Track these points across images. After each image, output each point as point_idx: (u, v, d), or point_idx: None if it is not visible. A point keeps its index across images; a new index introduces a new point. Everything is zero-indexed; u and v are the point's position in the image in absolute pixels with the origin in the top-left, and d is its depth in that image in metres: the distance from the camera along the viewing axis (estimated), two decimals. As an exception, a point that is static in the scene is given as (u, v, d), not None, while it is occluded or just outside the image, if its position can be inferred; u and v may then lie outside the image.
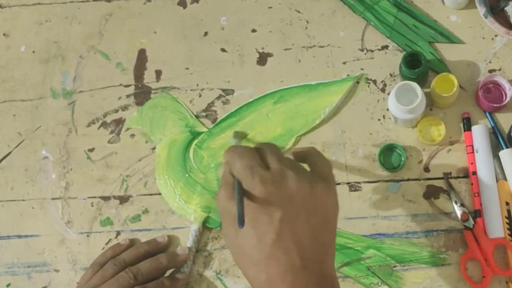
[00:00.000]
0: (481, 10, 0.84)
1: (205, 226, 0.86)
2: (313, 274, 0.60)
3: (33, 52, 0.95)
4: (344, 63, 0.89)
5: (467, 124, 0.84)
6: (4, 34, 0.96)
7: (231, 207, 0.61)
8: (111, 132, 0.91)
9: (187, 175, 0.87)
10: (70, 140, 0.91)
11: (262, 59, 0.91)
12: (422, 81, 0.84)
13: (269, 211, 0.60)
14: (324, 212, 0.63)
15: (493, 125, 0.84)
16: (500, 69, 0.86)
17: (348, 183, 0.85)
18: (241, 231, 0.61)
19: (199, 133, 0.89)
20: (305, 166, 0.68)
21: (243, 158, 0.63)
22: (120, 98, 0.92)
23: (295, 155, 0.70)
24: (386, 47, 0.88)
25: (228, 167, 0.64)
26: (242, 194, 0.61)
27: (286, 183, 0.61)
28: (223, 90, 0.90)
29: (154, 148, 0.89)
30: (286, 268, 0.60)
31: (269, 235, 0.60)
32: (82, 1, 0.95)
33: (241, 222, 0.59)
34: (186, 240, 0.85)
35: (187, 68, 0.92)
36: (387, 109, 0.85)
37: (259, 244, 0.60)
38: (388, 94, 0.86)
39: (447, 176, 0.83)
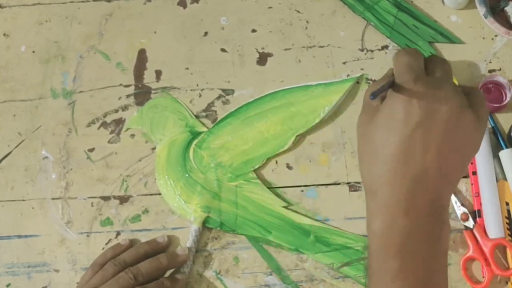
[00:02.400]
0: (481, 10, 0.84)
1: (205, 226, 0.86)
2: (426, 195, 0.55)
3: (33, 52, 0.95)
4: (344, 63, 0.89)
5: (467, 124, 0.84)
6: (4, 34, 0.96)
7: (366, 94, 0.58)
8: (111, 132, 0.91)
9: (187, 175, 0.87)
10: (70, 140, 0.91)
11: (262, 59, 0.91)
12: (422, 81, 0.84)
13: (409, 110, 0.55)
14: (462, 142, 0.57)
15: (493, 125, 0.84)
16: (500, 69, 0.86)
17: (348, 183, 0.85)
18: (374, 119, 0.57)
19: (199, 133, 0.89)
20: None
21: (407, 55, 0.58)
22: (120, 98, 0.92)
23: (461, 87, 0.61)
24: (386, 47, 0.88)
25: (391, 71, 0.59)
26: (391, 84, 0.56)
27: (439, 91, 0.55)
28: (223, 90, 0.90)
29: (154, 148, 0.89)
30: (402, 174, 0.55)
31: (398, 134, 0.55)
32: (82, 1, 0.95)
33: (375, 94, 0.54)
34: (186, 240, 0.85)
35: (187, 68, 0.92)
36: (387, 109, 0.85)
37: (386, 138, 0.55)
38: (388, 94, 0.85)
39: (447, 176, 0.83)
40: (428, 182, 0.55)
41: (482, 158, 0.82)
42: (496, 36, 0.87)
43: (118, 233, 0.87)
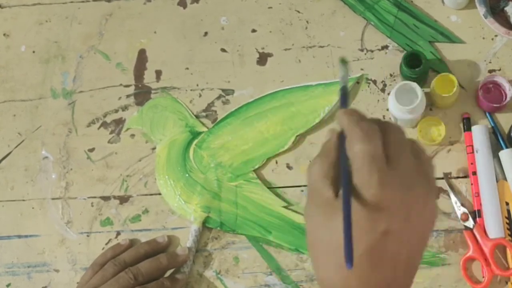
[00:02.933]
0: (481, 10, 0.84)
1: (205, 226, 0.86)
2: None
3: (33, 52, 0.95)
4: (344, 63, 0.89)
5: (467, 124, 0.84)
6: (4, 34, 0.96)
7: (324, 189, 0.49)
8: (111, 132, 0.91)
9: (187, 175, 0.87)
10: (70, 140, 0.91)
11: (262, 59, 0.90)
12: (422, 81, 0.84)
13: (374, 219, 0.47)
14: (427, 231, 0.51)
15: (493, 125, 0.84)
16: (500, 69, 0.86)
17: (348, 183, 0.85)
18: (331, 225, 0.48)
19: (199, 133, 0.89)
20: None
21: (367, 142, 0.48)
22: (120, 98, 0.92)
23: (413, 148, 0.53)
24: (386, 47, 0.88)
25: (336, 138, 0.51)
26: (351, 189, 0.47)
27: (410, 192, 0.48)
28: (223, 90, 0.90)
29: (154, 148, 0.89)
30: (367, 285, 0.49)
31: (362, 244, 0.47)
32: (82, 1, 0.95)
33: (349, 261, 0.46)
34: (186, 240, 0.85)
35: (187, 68, 0.92)
36: (387, 109, 0.85)
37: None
38: (388, 94, 0.85)
39: (447, 176, 0.83)
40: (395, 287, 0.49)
41: (482, 158, 0.82)
42: (496, 36, 0.87)
43: (118, 233, 0.87)
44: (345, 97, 0.53)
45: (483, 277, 0.79)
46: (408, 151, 0.50)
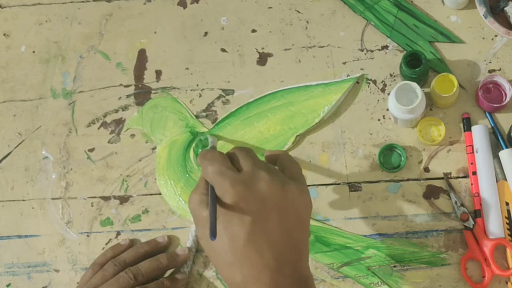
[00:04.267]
0: (481, 10, 0.84)
1: (205, 226, 0.86)
2: (287, 275, 0.61)
3: (33, 52, 0.95)
4: (344, 63, 0.89)
5: (467, 124, 0.84)
6: (4, 34, 0.96)
7: (202, 211, 0.63)
8: (111, 132, 0.91)
9: (187, 175, 0.88)
10: (70, 140, 0.91)
11: (262, 59, 0.91)
12: (422, 81, 0.84)
13: (240, 213, 0.61)
14: (297, 212, 0.64)
15: (493, 125, 0.84)
16: (500, 69, 0.86)
17: (348, 183, 0.85)
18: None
19: (199, 133, 0.89)
20: None
21: (213, 164, 0.64)
22: (120, 98, 0.92)
23: (267, 158, 0.71)
24: (386, 47, 0.88)
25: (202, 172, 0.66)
26: (215, 202, 0.62)
27: (258, 184, 0.62)
28: (223, 90, 0.90)
29: (154, 148, 0.89)
30: (260, 269, 0.60)
31: (241, 237, 0.60)
32: (82, 1, 0.95)
33: (213, 234, 0.59)
34: (186, 240, 0.85)
35: (187, 68, 0.92)
36: (387, 109, 0.85)
37: (232, 246, 0.61)
38: (388, 94, 0.86)
39: (447, 176, 0.83)
40: (285, 263, 0.61)
41: (482, 158, 0.82)
42: (496, 36, 0.87)
43: (118, 233, 0.87)
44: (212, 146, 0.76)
45: (483, 277, 0.79)
46: (250, 159, 0.65)
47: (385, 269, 0.82)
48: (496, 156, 0.82)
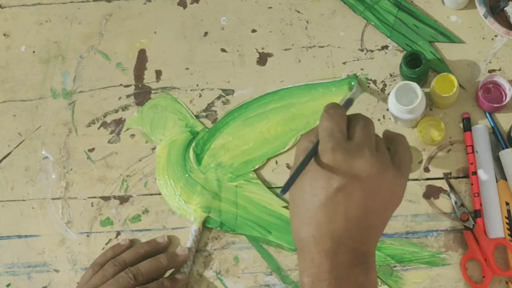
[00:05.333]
0: (481, 10, 0.84)
1: (205, 226, 0.86)
2: (350, 249, 0.60)
3: (33, 52, 0.95)
4: (344, 63, 0.89)
5: (467, 124, 0.84)
6: (4, 34, 0.96)
7: (301, 158, 0.62)
8: (111, 132, 0.91)
9: (187, 175, 0.88)
10: (70, 140, 0.91)
11: (262, 59, 0.91)
12: (422, 81, 0.84)
13: (329, 177, 0.60)
14: (384, 199, 0.62)
15: (493, 125, 0.84)
16: (500, 69, 0.86)
17: (348, 183, 0.85)
18: (299, 181, 0.61)
19: (199, 133, 0.89)
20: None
21: (330, 120, 0.62)
22: (120, 98, 0.92)
23: (385, 135, 0.68)
24: (386, 47, 0.88)
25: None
26: (309, 158, 0.61)
27: (357, 160, 0.60)
28: (223, 90, 0.90)
29: (154, 148, 0.89)
30: (323, 235, 0.60)
31: (320, 198, 0.60)
32: (82, 1, 0.95)
33: (285, 189, 0.60)
34: (186, 240, 0.85)
35: (187, 68, 0.92)
36: (387, 109, 0.85)
37: (310, 202, 0.60)
38: (388, 94, 0.85)
39: (447, 176, 0.83)
40: (351, 240, 0.60)
41: (482, 158, 0.82)
42: (496, 36, 0.87)
43: (118, 233, 0.87)
44: (348, 103, 0.70)
45: (483, 277, 0.79)
46: (366, 132, 0.63)
47: (385, 269, 0.82)
48: (496, 156, 0.82)
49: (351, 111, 0.67)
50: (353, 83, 0.86)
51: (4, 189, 0.90)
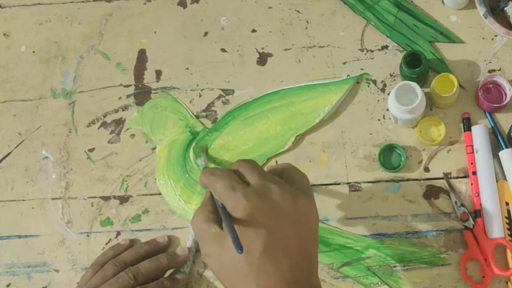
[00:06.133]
0: (481, 10, 0.84)
1: (205, 226, 0.86)
2: (302, 285, 0.61)
3: (33, 52, 0.95)
4: (344, 63, 0.89)
5: (467, 124, 0.84)
6: (4, 34, 0.96)
7: (210, 228, 0.62)
8: (111, 132, 0.91)
9: (187, 175, 0.88)
10: (70, 140, 0.91)
11: (262, 59, 0.91)
12: (423, 81, 0.84)
13: (255, 224, 0.60)
14: (308, 223, 0.64)
15: (493, 125, 0.84)
16: (500, 69, 0.86)
17: (348, 183, 0.85)
18: (226, 247, 0.61)
19: (199, 133, 0.89)
20: None
21: (222, 179, 0.63)
22: (120, 98, 0.92)
23: (272, 171, 0.69)
24: (386, 47, 0.88)
25: (208, 194, 0.66)
26: (229, 216, 0.61)
27: (270, 195, 0.62)
28: (223, 90, 0.90)
29: (154, 148, 0.89)
30: (276, 281, 0.60)
31: (257, 249, 0.60)
32: (82, 1, 0.95)
33: (239, 247, 0.59)
34: (186, 240, 0.85)
35: (187, 68, 0.92)
36: (387, 109, 0.85)
37: (248, 257, 0.60)
38: (388, 94, 0.86)
39: (447, 176, 0.83)
40: (302, 274, 0.61)
41: (482, 158, 0.82)
42: (496, 36, 0.87)
43: (118, 233, 0.87)
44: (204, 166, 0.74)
45: (483, 277, 0.79)
46: (257, 172, 0.64)
47: (385, 269, 0.82)
48: (496, 156, 0.82)
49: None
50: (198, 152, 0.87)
51: (4, 189, 0.90)
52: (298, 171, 0.69)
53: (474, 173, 0.82)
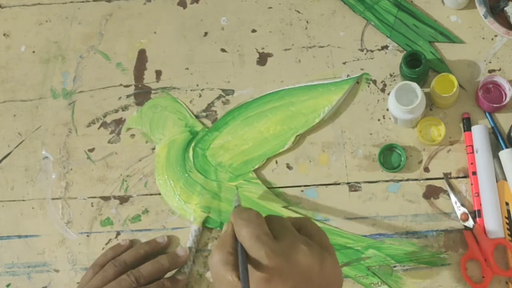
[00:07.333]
0: (481, 10, 0.84)
1: (205, 226, 0.86)
2: None
3: (33, 52, 0.95)
4: (344, 63, 0.89)
5: (467, 124, 0.84)
6: (4, 34, 0.96)
7: (227, 274, 0.58)
8: (111, 132, 0.91)
9: (186, 175, 0.88)
10: (70, 140, 0.91)
11: (262, 59, 0.91)
12: (422, 81, 0.84)
13: (276, 285, 0.56)
14: (333, 284, 0.60)
15: (493, 125, 0.84)
16: (500, 69, 0.86)
17: (348, 183, 0.85)
18: None
19: (199, 133, 0.89)
20: None
21: (250, 226, 0.59)
22: (120, 98, 0.92)
23: (292, 223, 0.65)
24: (386, 47, 0.88)
25: (231, 229, 0.61)
26: (247, 267, 0.57)
27: (296, 256, 0.58)
28: (223, 90, 0.90)
29: (154, 148, 0.89)
30: None
31: None
32: (82, 1, 0.95)
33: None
34: (186, 240, 0.85)
35: (187, 68, 0.92)
36: (387, 109, 0.85)
37: None
38: (388, 94, 0.86)
39: (447, 176, 0.83)
40: None
41: (482, 158, 0.82)
42: (496, 36, 0.87)
43: (118, 233, 0.87)
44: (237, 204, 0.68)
45: (483, 277, 0.79)
46: (288, 229, 0.60)
47: (385, 269, 0.82)
48: (496, 156, 0.82)
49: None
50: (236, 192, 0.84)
51: (4, 189, 0.90)
52: (317, 226, 0.64)
53: (474, 173, 0.82)
